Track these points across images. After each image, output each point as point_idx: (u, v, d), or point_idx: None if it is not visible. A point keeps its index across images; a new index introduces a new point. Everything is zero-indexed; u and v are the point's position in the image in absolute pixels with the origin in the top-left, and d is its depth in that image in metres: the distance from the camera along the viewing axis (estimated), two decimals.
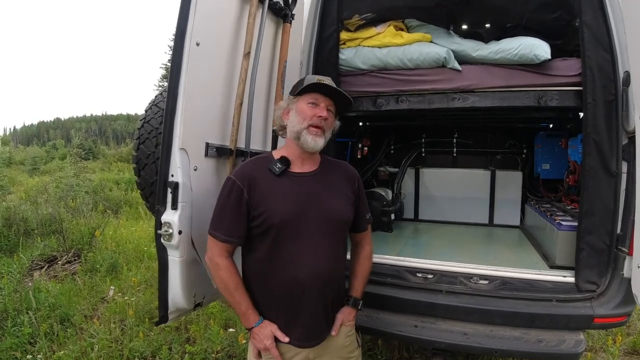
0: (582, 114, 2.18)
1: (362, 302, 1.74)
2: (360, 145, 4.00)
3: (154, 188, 2.11)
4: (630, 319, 2.58)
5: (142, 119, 2.40)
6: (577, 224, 2.16)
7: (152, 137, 2.30)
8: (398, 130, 4.34)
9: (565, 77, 2.32)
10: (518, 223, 3.95)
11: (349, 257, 1.79)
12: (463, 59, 2.54)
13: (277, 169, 1.55)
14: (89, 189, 8.35)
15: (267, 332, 1.53)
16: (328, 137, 1.60)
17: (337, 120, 1.67)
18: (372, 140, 4.17)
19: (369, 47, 2.66)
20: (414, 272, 2.36)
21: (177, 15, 1.66)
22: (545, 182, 3.74)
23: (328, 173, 1.65)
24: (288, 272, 1.52)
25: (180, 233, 1.66)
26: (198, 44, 1.70)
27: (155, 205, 1.71)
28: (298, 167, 1.60)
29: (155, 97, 2.51)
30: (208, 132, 1.86)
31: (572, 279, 2.16)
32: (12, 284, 3.51)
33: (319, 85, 1.54)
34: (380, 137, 4.32)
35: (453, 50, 2.52)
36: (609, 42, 2.02)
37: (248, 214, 1.52)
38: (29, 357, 2.80)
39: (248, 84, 1.99)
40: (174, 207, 1.66)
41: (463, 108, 2.51)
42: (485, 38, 2.64)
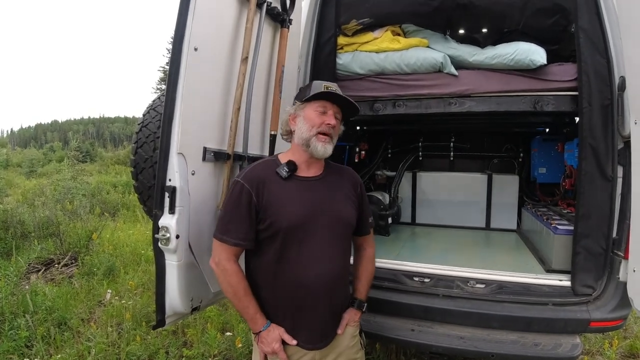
0: (578, 119, 2.20)
1: (366, 304, 1.76)
2: (358, 149, 4.00)
3: (152, 192, 2.11)
4: (627, 323, 2.58)
5: (140, 123, 2.40)
6: (573, 228, 2.18)
7: (150, 141, 2.30)
8: (395, 135, 4.37)
9: (561, 82, 2.35)
10: (515, 227, 3.97)
11: (352, 260, 1.80)
12: (460, 64, 2.56)
13: (285, 173, 1.55)
14: (87, 192, 8.33)
15: (274, 335, 1.53)
16: (335, 142, 1.62)
17: (341, 126, 1.68)
18: (369, 144, 4.18)
19: (367, 52, 2.68)
20: (411, 275, 2.37)
21: (175, 20, 1.67)
22: (542, 186, 3.77)
23: (333, 177, 1.67)
24: (295, 275, 1.52)
25: (178, 237, 1.66)
26: (196, 49, 1.71)
27: (153, 210, 1.71)
28: (304, 171, 1.61)
29: (153, 101, 2.51)
30: (206, 136, 1.86)
31: (568, 283, 2.17)
32: (9, 287, 3.49)
33: (328, 94, 1.55)
34: (378, 141, 4.34)
35: (450, 55, 2.55)
36: (605, 47, 2.04)
37: (256, 217, 1.52)
38: None
39: (246, 89, 2.00)
40: (172, 211, 1.66)
41: (460, 113, 2.53)
42: (482, 43, 2.66)
